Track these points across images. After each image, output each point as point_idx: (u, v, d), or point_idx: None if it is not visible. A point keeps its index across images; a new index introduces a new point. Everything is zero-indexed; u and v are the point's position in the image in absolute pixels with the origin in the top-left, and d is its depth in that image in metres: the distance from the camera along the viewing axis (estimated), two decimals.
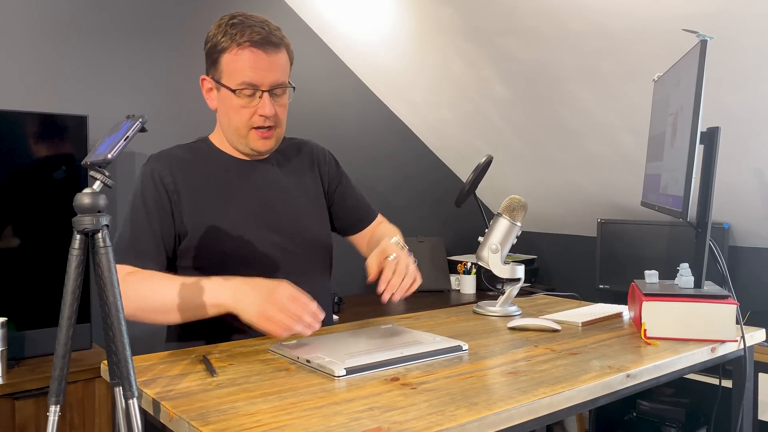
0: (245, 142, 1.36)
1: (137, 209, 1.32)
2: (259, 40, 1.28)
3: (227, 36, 1.29)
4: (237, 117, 1.33)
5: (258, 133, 1.34)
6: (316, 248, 1.45)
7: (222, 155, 1.41)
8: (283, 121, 1.38)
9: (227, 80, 1.31)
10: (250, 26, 1.29)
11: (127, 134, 0.90)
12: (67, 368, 0.87)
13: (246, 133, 1.34)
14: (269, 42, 1.30)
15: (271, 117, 1.33)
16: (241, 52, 1.29)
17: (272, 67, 1.31)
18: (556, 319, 1.47)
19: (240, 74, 1.29)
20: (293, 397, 0.93)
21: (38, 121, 2.03)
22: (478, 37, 2.47)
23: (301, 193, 1.46)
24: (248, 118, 1.33)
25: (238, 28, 1.29)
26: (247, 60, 1.29)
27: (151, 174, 1.35)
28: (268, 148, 1.38)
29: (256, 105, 1.32)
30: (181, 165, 1.37)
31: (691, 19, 1.88)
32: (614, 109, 2.45)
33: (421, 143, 3.42)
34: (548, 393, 0.97)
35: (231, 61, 1.30)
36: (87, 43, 2.35)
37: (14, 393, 1.83)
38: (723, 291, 1.35)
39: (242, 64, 1.29)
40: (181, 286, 1.19)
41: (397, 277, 1.23)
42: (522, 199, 1.57)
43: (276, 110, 1.33)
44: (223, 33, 1.30)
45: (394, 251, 1.26)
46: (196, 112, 2.59)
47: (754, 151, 2.24)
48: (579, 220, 3.24)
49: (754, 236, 2.61)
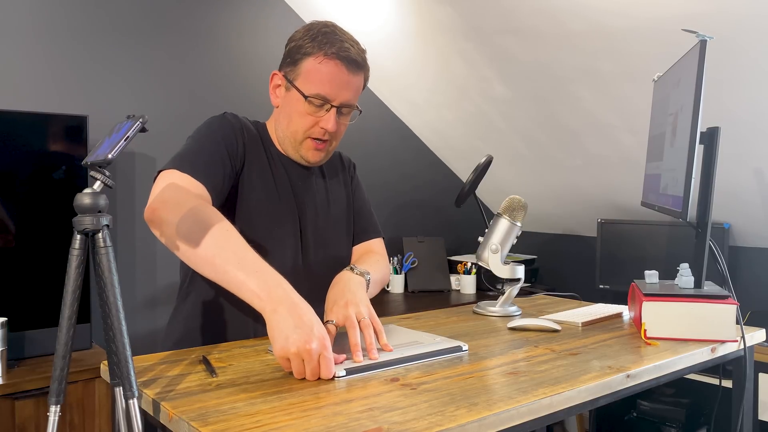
0: (297, 149, 1.35)
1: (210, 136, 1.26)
2: (346, 56, 1.28)
3: (316, 42, 1.28)
4: (300, 122, 1.32)
5: (313, 143, 1.33)
6: (336, 266, 1.40)
7: (276, 150, 1.40)
8: (339, 139, 1.38)
9: (302, 84, 1.29)
10: (341, 40, 1.28)
11: (128, 134, 0.90)
12: (67, 368, 0.87)
13: (302, 139, 1.33)
14: (354, 61, 1.29)
15: (332, 132, 1.32)
16: (326, 62, 1.27)
17: (349, 86, 1.30)
18: (556, 319, 1.47)
19: (317, 83, 1.28)
20: (293, 398, 0.93)
21: (38, 121, 2.03)
22: (478, 37, 2.47)
23: (334, 204, 1.46)
24: (309, 126, 1.31)
25: (329, 38, 1.28)
26: (329, 72, 1.28)
27: (230, 122, 1.32)
28: (318, 160, 1.37)
29: (321, 116, 1.31)
30: (254, 138, 1.35)
31: (691, 19, 1.88)
32: (614, 109, 2.45)
33: (421, 143, 3.42)
34: (548, 393, 0.96)
35: (313, 67, 1.28)
36: (87, 43, 2.35)
37: (14, 393, 1.82)
38: (723, 291, 1.35)
39: (322, 75, 1.28)
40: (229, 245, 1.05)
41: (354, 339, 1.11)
42: (522, 199, 1.57)
43: (338, 127, 1.33)
44: (313, 38, 1.29)
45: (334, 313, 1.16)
46: (196, 112, 2.59)
47: (754, 151, 2.24)
48: (579, 220, 3.24)
49: (754, 236, 2.61)
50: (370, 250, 1.51)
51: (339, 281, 1.25)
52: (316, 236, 1.40)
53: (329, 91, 1.28)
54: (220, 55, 2.67)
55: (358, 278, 1.26)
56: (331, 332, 1.13)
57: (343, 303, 1.16)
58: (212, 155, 1.24)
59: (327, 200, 1.45)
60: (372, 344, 1.11)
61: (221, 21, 2.67)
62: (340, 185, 1.51)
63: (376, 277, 1.37)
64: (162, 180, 1.17)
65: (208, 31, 2.64)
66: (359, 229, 1.53)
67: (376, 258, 1.46)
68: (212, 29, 2.65)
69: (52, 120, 2.05)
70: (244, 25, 2.74)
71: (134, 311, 2.48)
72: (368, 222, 1.55)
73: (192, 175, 1.17)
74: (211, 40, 2.65)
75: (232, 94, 2.70)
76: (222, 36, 2.67)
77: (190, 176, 1.17)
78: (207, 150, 1.24)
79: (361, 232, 1.53)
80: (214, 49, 2.66)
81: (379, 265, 1.43)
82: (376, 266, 1.41)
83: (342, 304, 1.16)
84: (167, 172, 1.18)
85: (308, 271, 1.37)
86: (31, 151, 2.01)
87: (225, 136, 1.29)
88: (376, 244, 1.54)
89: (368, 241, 1.53)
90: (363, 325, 1.13)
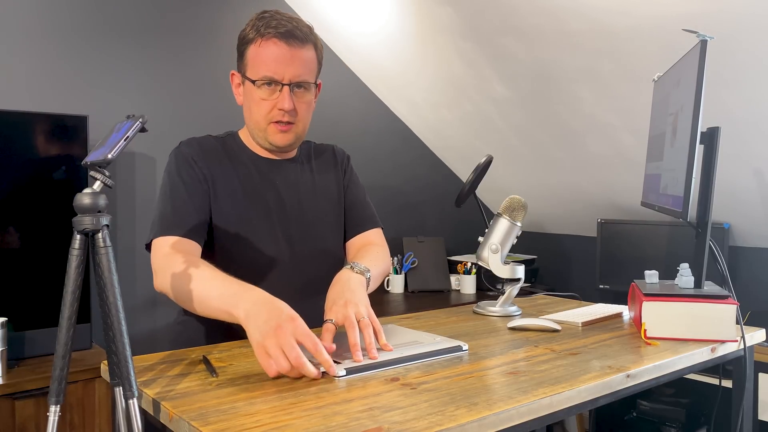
0: (264, 136, 1.36)
1: (176, 186, 1.32)
2: (283, 32, 1.28)
3: (254, 28, 1.30)
4: (257, 109, 1.33)
5: (276, 126, 1.34)
6: (326, 258, 1.43)
7: (247, 151, 1.41)
8: (305, 118, 1.37)
9: (250, 72, 1.32)
10: (277, 20, 1.30)
11: (128, 134, 0.90)
12: (67, 368, 0.87)
13: (265, 126, 1.34)
14: (293, 36, 1.29)
15: (290, 111, 1.32)
16: (265, 43, 1.29)
17: (293, 61, 1.30)
18: (556, 319, 1.47)
19: (262, 67, 1.30)
20: (293, 397, 0.93)
21: (38, 121, 2.03)
22: (478, 37, 2.47)
23: (322, 197, 1.46)
24: (267, 111, 1.32)
25: (266, 21, 1.30)
26: (270, 52, 1.29)
27: (184, 156, 1.35)
28: (286, 142, 1.37)
29: (276, 98, 1.31)
30: (211, 154, 1.38)
31: (691, 19, 1.88)
32: (614, 109, 2.45)
33: (421, 143, 3.42)
34: (548, 393, 0.96)
35: (255, 53, 1.31)
36: (87, 43, 2.35)
37: (14, 393, 1.83)
38: (723, 291, 1.35)
39: (264, 57, 1.29)
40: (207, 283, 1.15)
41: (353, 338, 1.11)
42: (522, 199, 1.57)
43: (295, 105, 1.32)
44: (252, 26, 1.31)
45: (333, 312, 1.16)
46: (196, 112, 2.59)
47: (754, 151, 2.24)
48: (579, 220, 3.24)
49: (754, 236, 2.61)
50: (368, 242, 1.50)
51: (338, 280, 1.26)
52: (302, 230, 1.41)
53: (275, 70, 1.29)
54: (220, 55, 2.66)
55: (358, 277, 1.26)
56: (330, 330, 1.13)
57: (342, 303, 1.17)
58: (185, 205, 1.30)
59: (314, 193, 1.45)
60: (371, 344, 1.11)
61: (221, 21, 2.67)
62: (331, 179, 1.50)
63: (377, 272, 1.36)
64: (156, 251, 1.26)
65: (208, 31, 2.64)
66: (356, 222, 1.52)
67: (376, 250, 1.45)
68: (212, 29, 2.65)
69: (52, 120, 2.05)
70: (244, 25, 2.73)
71: (134, 311, 2.48)
72: (364, 213, 1.54)
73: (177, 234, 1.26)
74: (211, 40, 2.65)
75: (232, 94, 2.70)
76: (222, 36, 2.67)
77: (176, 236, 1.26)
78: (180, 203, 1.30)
79: (358, 224, 1.52)
80: (214, 49, 2.66)
81: (379, 258, 1.43)
82: (376, 260, 1.40)
83: (341, 303, 1.17)
84: (158, 242, 1.27)
85: (297, 265, 1.38)
86: (31, 151, 2.01)
87: (187, 175, 1.33)
88: (374, 235, 1.53)
89: (366, 232, 1.52)
90: (362, 325, 1.13)
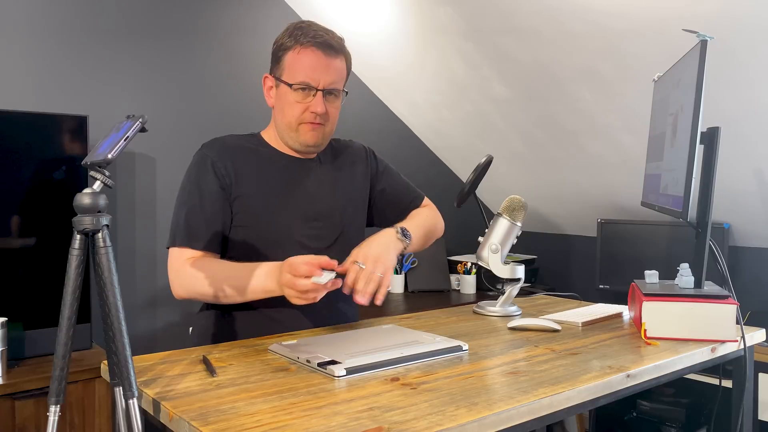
0: (296, 136, 1.42)
1: (192, 194, 1.38)
2: (321, 42, 1.37)
3: (293, 37, 1.38)
4: (291, 111, 1.40)
5: (308, 125, 1.41)
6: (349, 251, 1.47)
7: (271, 149, 1.47)
8: (333, 122, 1.45)
9: (287, 77, 1.39)
10: (315, 30, 1.39)
11: (128, 134, 0.90)
12: (67, 368, 0.87)
13: (296, 126, 1.41)
14: (329, 45, 1.38)
15: (322, 115, 1.39)
16: (303, 51, 1.37)
17: (329, 69, 1.39)
18: (556, 319, 1.48)
19: (300, 72, 1.37)
20: (293, 397, 0.93)
21: (38, 121, 2.03)
22: (478, 37, 2.47)
23: (344, 193, 1.51)
24: (300, 113, 1.39)
25: (303, 31, 1.38)
26: (308, 59, 1.37)
27: (204, 160, 1.41)
28: (316, 141, 1.43)
29: (309, 102, 1.39)
30: (234, 152, 1.43)
31: (691, 19, 1.88)
32: (614, 109, 2.45)
33: (421, 143, 3.41)
34: (548, 393, 0.97)
35: (293, 59, 1.38)
36: (87, 43, 2.35)
37: (14, 393, 1.82)
38: (723, 291, 1.35)
39: (302, 63, 1.37)
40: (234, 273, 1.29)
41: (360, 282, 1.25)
42: (522, 199, 1.57)
43: (327, 109, 1.40)
44: (289, 35, 1.39)
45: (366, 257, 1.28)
46: (196, 112, 2.59)
47: (754, 151, 2.24)
48: (579, 220, 3.24)
49: (754, 236, 2.61)
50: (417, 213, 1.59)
51: (374, 237, 1.35)
52: (325, 226, 1.46)
53: (312, 77, 1.37)
54: (219, 55, 2.66)
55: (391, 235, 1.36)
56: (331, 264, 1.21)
57: (362, 254, 1.28)
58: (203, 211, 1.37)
59: (336, 190, 1.50)
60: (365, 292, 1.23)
61: (221, 21, 2.67)
62: (355, 174, 1.56)
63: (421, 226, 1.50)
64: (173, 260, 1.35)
65: (208, 31, 2.64)
66: (405, 205, 1.60)
67: (422, 212, 1.58)
68: (212, 29, 2.65)
69: (52, 120, 2.05)
70: (243, 25, 2.74)
71: (134, 311, 2.48)
72: (407, 194, 1.62)
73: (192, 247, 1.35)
74: (210, 40, 2.65)
75: (232, 94, 2.70)
76: (222, 36, 2.67)
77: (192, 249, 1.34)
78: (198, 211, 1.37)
79: (408, 205, 1.60)
80: (214, 49, 2.66)
81: (423, 217, 1.56)
82: (420, 219, 1.53)
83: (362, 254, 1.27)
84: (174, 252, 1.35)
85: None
86: (31, 151, 2.01)
87: (205, 182, 1.38)
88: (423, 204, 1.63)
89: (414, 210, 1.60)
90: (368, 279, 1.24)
